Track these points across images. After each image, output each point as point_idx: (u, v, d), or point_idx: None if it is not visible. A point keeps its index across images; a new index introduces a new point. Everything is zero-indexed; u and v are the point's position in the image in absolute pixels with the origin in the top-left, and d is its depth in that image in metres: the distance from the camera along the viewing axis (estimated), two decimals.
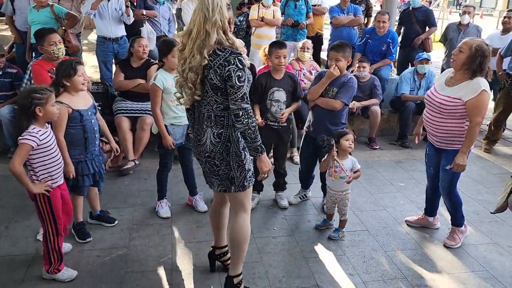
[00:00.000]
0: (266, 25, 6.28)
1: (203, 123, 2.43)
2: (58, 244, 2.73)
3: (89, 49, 10.07)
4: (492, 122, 5.38)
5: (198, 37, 2.24)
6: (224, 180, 2.48)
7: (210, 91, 2.32)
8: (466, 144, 3.02)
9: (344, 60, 3.40)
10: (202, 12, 2.23)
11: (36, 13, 5.22)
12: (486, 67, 2.94)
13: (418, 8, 6.53)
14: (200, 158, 2.53)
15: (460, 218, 3.34)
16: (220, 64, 2.25)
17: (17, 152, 2.47)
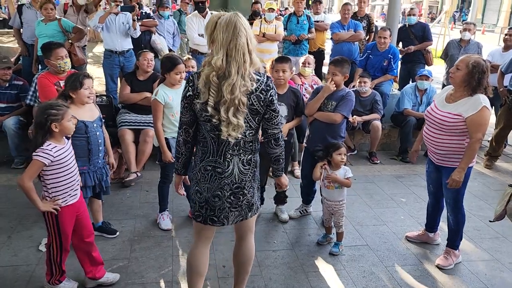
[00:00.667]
0: (268, 40, 6.37)
1: (226, 152, 2.22)
2: (61, 258, 2.71)
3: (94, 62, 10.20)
4: (494, 138, 5.40)
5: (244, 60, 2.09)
6: (244, 210, 2.36)
7: (248, 116, 2.17)
8: (465, 160, 3.02)
9: (341, 75, 3.46)
10: (244, 32, 2.09)
11: (44, 26, 5.32)
12: (485, 83, 2.94)
13: (414, 25, 6.64)
14: (221, 193, 2.27)
15: (458, 240, 3.31)
16: (262, 89, 2.17)
17: (29, 168, 2.46)
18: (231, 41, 2.07)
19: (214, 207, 2.30)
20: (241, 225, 2.49)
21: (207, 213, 2.32)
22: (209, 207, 2.31)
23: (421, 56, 6.58)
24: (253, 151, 2.31)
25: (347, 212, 4.03)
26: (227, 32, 2.08)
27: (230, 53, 2.08)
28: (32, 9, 5.83)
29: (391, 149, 5.78)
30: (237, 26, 2.07)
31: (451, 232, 3.32)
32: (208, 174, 2.27)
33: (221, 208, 2.30)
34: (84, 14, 6.17)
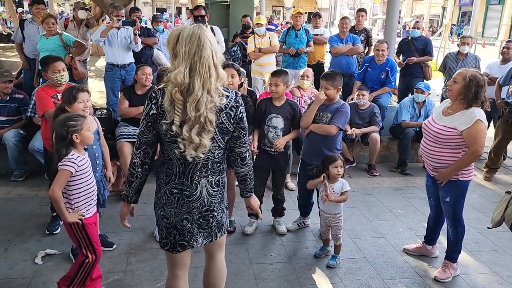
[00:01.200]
0: (265, 54, 6.43)
1: (193, 174, 2.09)
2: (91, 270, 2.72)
3: (96, 75, 10.31)
4: (492, 150, 5.39)
5: (209, 74, 1.95)
6: (214, 230, 2.24)
7: (217, 135, 2.05)
8: (458, 163, 3.02)
9: (333, 89, 3.48)
10: (208, 44, 1.95)
11: (45, 41, 5.39)
12: (482, 97, 2.95)
13: (417, 38, 6.69)
14: (189, 217, 2.14)
15: (456, 252, 3.30)
16: (232, 105, 2.05)
17: (57, 179, 2.50)
18: (195, 54, 1.94)
19: (183, 231, 2.16)
20: (211, 245, 2.35)
21: (175, 239, 2.18)
22: (178, 232, 2.16)
23: (420, 70, 6.62)
24: (221, 171, 2.19)
25: (345, 224, 4.02)
26: (190, 45, 1.94)
27: (194, 66, 1.94)
28: (34, 24, 5.92)
29: (390, 161, 5.77)
30: (201, 38, 1.95)
31: (450, 244, 3.30)
32: (174, 198, 2.13)
33: (190, 231, 2.17)
34: (85, 29, 6.27)
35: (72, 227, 2.62)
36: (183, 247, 2.20)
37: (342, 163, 3.33)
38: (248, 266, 3.33)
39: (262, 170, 3.78)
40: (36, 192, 4.46)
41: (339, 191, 3.32)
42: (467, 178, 3.12)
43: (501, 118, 5.31)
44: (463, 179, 3.10)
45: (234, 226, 3.88)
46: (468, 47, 6.23)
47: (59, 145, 2.49)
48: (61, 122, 2.51)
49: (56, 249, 3.42)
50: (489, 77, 5.85)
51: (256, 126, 3.74)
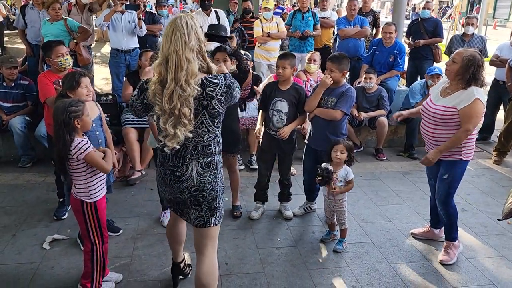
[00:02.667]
0: (273, 39, 6.34)
1: (184, 157, 2.20)
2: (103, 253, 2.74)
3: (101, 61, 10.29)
4: (502, 134, 5.31)
5: (179, 66, 2.01)
6: (205, 211, 2.30)
7: (206, 120, 2.16)
8: (446, 143, 3.00)
9: (338, 72, 3.41)
10: (180, 37, 2.01)
11: (49, 26, 5.36)
12: (480, 77, 2.92)
13: (427, 19, 6.55)
14: (181, 196, 2.28)
15: (454, 232, 3.29)
16: (222, 91, 2.13)
17: (95, 163, 2.54)
18: (170, 46, 2.01)
19: (178, 203, 2.36)
20: (201, 234, 2.36)
21: (173, 206, 2.46)
22: (173, 203, 2.41)
23: (430, 52, 6.47)
24: (212, 153, 2.25)
25: (352, 209, 4.02)
26: (165, 37, 2.04)
27: (169, 58, 2.02)
28: (35, 9, 5.88)
29: (398, 145, 5.71)
30: (176, 27, 2.01)
31: (446, 225, 3.31)
32: (167, 178, 2.28)
33: (183, 203, 2.33)
34: (88, 13, 6.21)
35: (85, 211, 2.62)
36: (180, 214, 2.45)
37: (345, 148, 3.26)
38: (254, 250, 3.33)
39: (268, 154, 3.76)
40: (43, 178, 4.49)
41: (342, 179, 3.28)
42: (467, 158, 3.09)
43: (511, 100, 5.20)
44: (466, 159, 3.07)
45: (240, 211, 3.88)
46: (472, 28, 6.09)
47: (61, 131, 2.47)
48: (62, 108, 2.49)
49: (63, 234, 3.44)
50: (499, 59, 5.73)
51: (261, 108, 3.71)
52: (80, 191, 2.60)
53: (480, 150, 5.76)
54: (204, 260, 2.37)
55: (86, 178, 2.59)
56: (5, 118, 4.74)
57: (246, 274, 3.05)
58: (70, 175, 2.59)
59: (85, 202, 2.61)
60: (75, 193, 2.63)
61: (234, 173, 3.79)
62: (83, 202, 2.61)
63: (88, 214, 2.64)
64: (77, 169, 2.56)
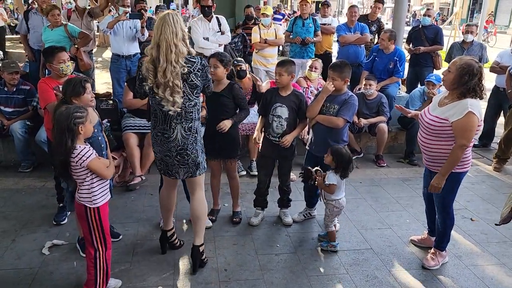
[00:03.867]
0: (270, 46, 6.36)
1: (171, 121, 2.80)
2: (107, 262, 2.75)
3: (103, 66, 10.30)
4: (502, 141, 5.31)
5: (169, 50, 2.62)
6: (192, 167, 2.95)
7: (187, 90, 2.75)
8: (446, 166, 2.94)
9: (340, 80, 3.42)
10: (169, 28, 2.62)
11: (50, 32, 5.38)
12: (476, 87, 2.83)
13: (427, 26, 6.57)
14: (169, 154, 2.88)
15: (445, 242, 3.29)
16: (198, 68, 2.76)
17: (97, 170, 2.56)
18: (161, 35, 2.63)
19: (167, 163, 2.95)
20: (191, 182, 3.06)
21: (163, 167, 3.00)
22: (164, 163, 2.97)
23: (430, 60, 6.50)
24: (193, 119, 2.85)
25: (352, 215, 4.02)
26: (156, 28, 2.67)
27: (161, 44, 2.64)
28: (39, 15, 5.91)
29: (398, 151, 5.71)
30: (165, 21, 2.63)
31: (439, 233, 3.30)
32: (158, 139, 2.89)
33: (171, 164, 2.93)
34: (88, 18, 6.23)
35: (88, 216, 2.62)
36: (169, 175, 3.02)
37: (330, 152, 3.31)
38: (253, 257, 3.33)
39: (267, 160, 3.76)
40: (44, 183, 4.49)
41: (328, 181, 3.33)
42: (461, 170, 3.03)
43: (511, 108, 5.21)
44: (456, 171, 3.00)
45: (240, 217, 3.88)
46: (472, 36, 6.09)
47: (64, 137, 2.47)
48: (67, 114, 2.48)
49: (63, 240, 3.44)
50: (499, 65, 5.75)
51: (261, 114, 3.72)
52: (83, 196, 2.61)
53: (480, 157, 5.76)
54: (194, 198, 3.11)
55: (89, 184, 2.59)
56: (6, 123, 4.75)
57: (246, 280, 3.04)
58: (75, 179, 2.59)
59: (88, 207, 2.61)
60: (78, 198, 2.63)
61: (234, 179, 3.79)
62: (86, 208, 2.62)
63: (92, 220, 2.64)
64: (80, 175, 2.57)
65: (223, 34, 5.97)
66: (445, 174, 2.96)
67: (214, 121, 3.52)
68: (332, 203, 3.38)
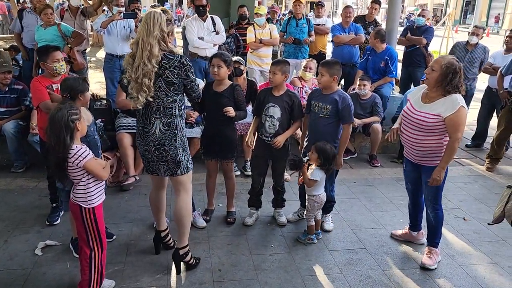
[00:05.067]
0: (265, 46, 6.36)
1: (151, 116, 2.80)
2: (102, 263, 2.74)
3: (96, 66, 10.26)
4: (495, 141, 5.35)
5: (144, 48, 2.64)
6: (171, 165, 2.90)
7: (163, 86, 2.74)
8: (445, 159, 3.04)
9: (328, 76, 3.44)
10: (147, 27, 2.65)
11: (43, 31, 5.35)
12: (459, 83, 2.96)
13: (421, 26, 6.62)
14: (148, 148, 2.87)
15: (438, 237, 3.33)
16: (175, 66, 2.73)
17: (94, 171, 2.55)
18: (141, 32, 2.67)
19: (148, 159, 2.94)
20: (173, 181, 3.01)
21: (145, 163, 3.02)
22: (145, 159, 2.97)
23: (423, 59, 6.54)
24: (172, 115, 2.82)
25: (346, 215, 4.03)
26: (141, 23, 2.71)
27: (139, 41, 2.67)
28: (33, 13, 5.87)
29: (392, 151, 5.73)
30: (145, 19, 2.67)
31: (431, 229, 3.33)
32: (140, 133, 2.91)
33: (151, 160, 2.93)
34: (81, 18, 6.20)
35: (84, 216, 2.61)
36: (151, 172, 3.02)
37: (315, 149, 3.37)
38: (248, 257, 3.33)
39: (260, 159, 3.76)
40: (36, 183, 4.46)
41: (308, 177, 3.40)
42: None
43: (503, 108, 5.25)
44: None
45: (234, 217, 3.87)
46: (476, 38, 6.10)
47: (62, 134, 2.44)
48: (63, 112, 2.47)
49: (56, 240, 3.42)
50: (492, 66, 5.80)
51: (255, 114, 3.72)
52: (78, 196, 2.60)
53: (473, 157, 5.80)
54: (177, 200, 3.03)
55: (85, 184, 2.58)
56: None
57: (240, 280, 3.04)
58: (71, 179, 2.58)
59: (84, 207, 2.60)
60: (73, 198, 2.62)
61: (230, 179, 3.79)
62: (82, 208, 2.60)
63: (87, 220, 2.63)
64: (77, 176, 2.56)
65: (218, 33, 5.97)
66: (444, 167, 3.06)
67: (213, 121, 3.52)
68: (313, 198, 3.46)
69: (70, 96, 2.87)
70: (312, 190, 3.45)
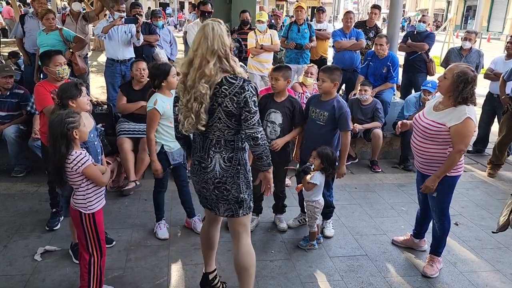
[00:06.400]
0: (266, 51, 6.37)
1: (209, 149, 2.40)
2: (101, 269, 2.73)
3: (98, 71, 10.28)
4: (496, 146, 5.33)
5: (199, 67, 2.23)
6: (233, 204, 2.49)
7: (223, 117, 2.30)
8: (442, 169, 2.98)
9: (329, 82, 3.44)
10: (204, 42, 2.23)
11: (45, 36, 5.35)
12: (470, 94, 2.87)
13: (421, 32, 6.62)
14: (206, 186, 2.47)
15: (442, 247, 3.30)
16: (236, 92, 2.25)
17: (93, 177, 2.53)
18: (197, 49, 2.26)
19: (205, 196, 2.55)
20: (232, 222, 2.59)
21: (202, 199, 2.62)
22: (202, 195, 2.58)
23: (424, 65, 6.54)
24: (235, 149, 2.42)
25: (347, 221, 4.02)
26: (194, 40, 2.30)
27: (195, 59, 2.26)
28: (35, 18, 5.88)
29: (393, 157, 5.73)
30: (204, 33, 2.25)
31: (436, 239, 3.30)
32: (195, 168, 2.50)
33: (210, 198, 2.52)
34: (83, 22, 6.22)
35: (83, 222, 2.60)
36: (208, 209, 2.63)
37: (317, 154, 3.36)
38: None
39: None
40: (36, 188, 4.45)
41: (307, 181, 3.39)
42: (455, 174, 3.06)
43: (505, 113, 5.24)
44: (450, 175, 3.04)
45: None
46: (469, 43, 6.12)
47: (57, 143, 2.44)
48: (59, 120, 2.46)
49: (55, 246, 3.41)
50: (493, 72, 5.79)
51: None
52: (78, 201, 2.59)
53: (475, 163, 5.78)
54: (239, 245, 2.59)
55: (84, 190, 2.57)
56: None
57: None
58: (70, 185, 2.57)
59: (83, 213, 2.59)
60: (73, 203, 2.61)
61: None
62: (81, 213, 2.59)
63: (87, 225, 2.62)
64: (76, 181, 2.55)
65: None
66: (440, 176, 3.01)
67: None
68: (313, 204, 3.45)
69: (61, 102, 2.81)
70: (312, 195, 3.43)
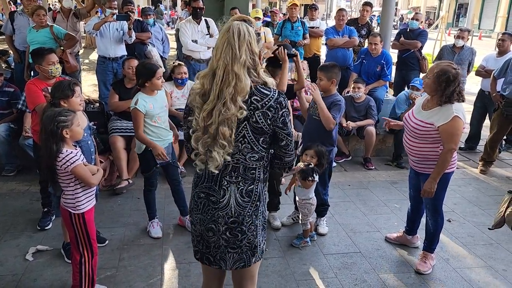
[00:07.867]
0: None
1: (222, 178, 1.89)
2: (93, 269, 2.71)
3: (89, 68, 10.20)
4: (488, 143, 5.37)
5: (227, 83, 1.75)
6: (246, 252, 1.97)
7: (249, 135, 1.83)
8: (436, 170, 2.98)
9: (327, 80, 3.47)
10: (231, 50, 1.75)
11: (35, 33, 5.29)
12: (454, 92, 2.86)
13: (414, 30, 6.64)
14: (214, 227, 1.93)
15: (435, 243, 3.32)
16: (270, 106, 1.81)
17: (82, 177, 2.50)
18: (220, 59, 1.77)
19: (209, 243, 1.96)
20: (241, 273, 2.07)
21: (200, 248, 2.02)
22: (204, 242, 1.99)
23: (416, 63, 6.57)
24: (256, 180, 1.91)
25: (340, 218, 4.02)
26: (216, 46, 1.81)
27: (217, 71, 1.78)
28: (24, 15, 5.82)
29: (386, 154, 5.74)
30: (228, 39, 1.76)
31: (430, 235, 3.31)
32: (201, 203, 1.95)
33: (216, 245, 1.96)
34: (74, 19, 6.16)
35: (73, 222, 2.58)
36: (209, 262, 2.01)
37: (315, 153, 3.36)
38: None
39: None
40: (28, 187, 4.40)
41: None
42: (449, 170, 3.08)
43: (496, 111, 5.28)
44: (444, 172, 3.04)
45: None
46: (462, 41, 6.15)
47: (48, 141, 2.42)
48: (50, 118, 2.44)
49: (47, 245, 3.37)
50: (485, 69, 5.82)
51: None
52: (67, 201, 2.57)
53: (467, 160, 5.82)
54: None
55: (73, 189, 2.55)
56: None
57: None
58: (60, 184, 2.55)
59: (73, 213, 2.57)
60: (62, 203, 2.59)
61: None
62: (71, 213, 2.57)
63: (76, 225, 2.60)
64: (64, 180, 2.52)
65: (212, 36, 5.95)
66: (436, 178, 3.00)
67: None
68: (310, 201, 3.46)
69: (53, 100, 2.78)
70: (308, 193, 3.43)
